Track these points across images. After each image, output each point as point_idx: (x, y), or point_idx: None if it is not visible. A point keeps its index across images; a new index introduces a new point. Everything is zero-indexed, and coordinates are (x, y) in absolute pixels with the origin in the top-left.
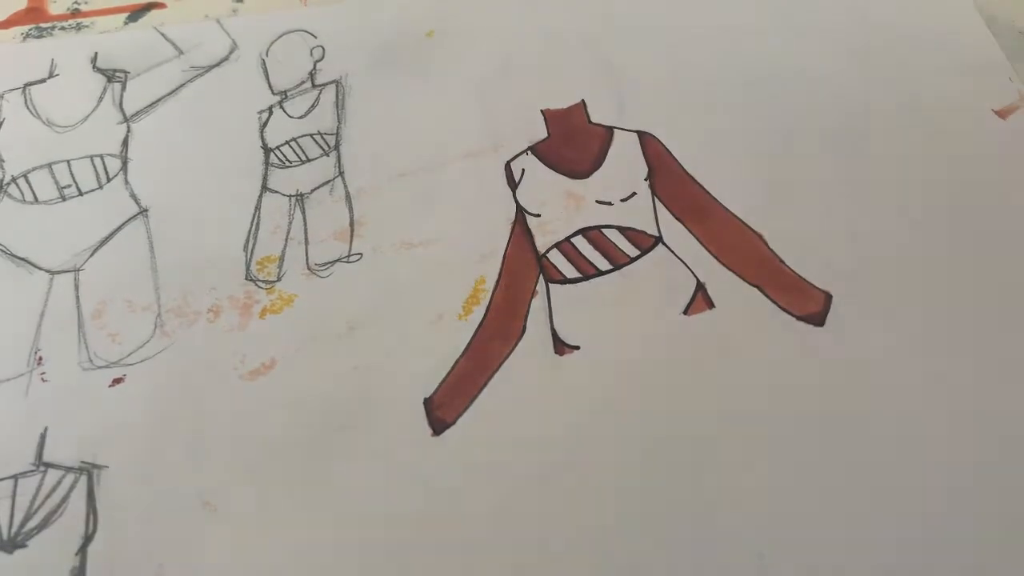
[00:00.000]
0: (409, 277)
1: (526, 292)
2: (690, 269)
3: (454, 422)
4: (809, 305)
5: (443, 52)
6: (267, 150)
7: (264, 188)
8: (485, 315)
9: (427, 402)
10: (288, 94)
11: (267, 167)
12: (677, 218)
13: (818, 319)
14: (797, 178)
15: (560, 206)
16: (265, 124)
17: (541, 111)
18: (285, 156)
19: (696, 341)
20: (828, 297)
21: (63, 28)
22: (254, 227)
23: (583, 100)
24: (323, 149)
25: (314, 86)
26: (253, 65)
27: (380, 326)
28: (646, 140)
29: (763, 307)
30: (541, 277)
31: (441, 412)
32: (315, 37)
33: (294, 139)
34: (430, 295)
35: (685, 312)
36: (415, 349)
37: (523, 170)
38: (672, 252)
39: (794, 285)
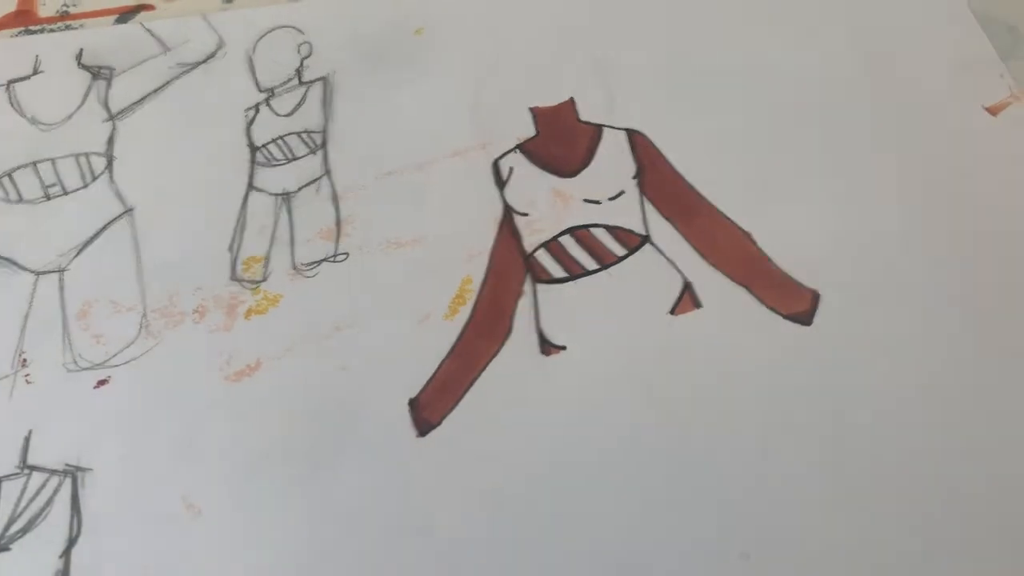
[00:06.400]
0: (395, 277)
1: (513, 292)
2: (677, 268)
3: (440, 423)
4: (796, 304)
5: (431, 49)
6: (253, 148)
7: (250, 187)
8: (471, 315)
9: (412, 403)
10: (275, 91)
11: (253, 165)
12: (665, 217)
13: (806, 318)
14: (786, 176)
15: (548, 205)
16: (252, 122)
17: (530, 109)
18: (272, 154)
19: (683, 341)
20: (816, 296)
21: (52, 30)
22: (239, 227)
23: (572, 98)
24: (310, 147)
25: (301, 83)
26: (240, 62)
27: (366, 326)
28: (635, 138)
29: (750, 306)
30: (528, 277)
31: (427, 413)
32: (302, 33)
33: (281, 137)
34: (416, 295)
35: (672, 312)
36: (401, 349)
37: (511, 169)
38: (660, 251)
39: (781, 284)
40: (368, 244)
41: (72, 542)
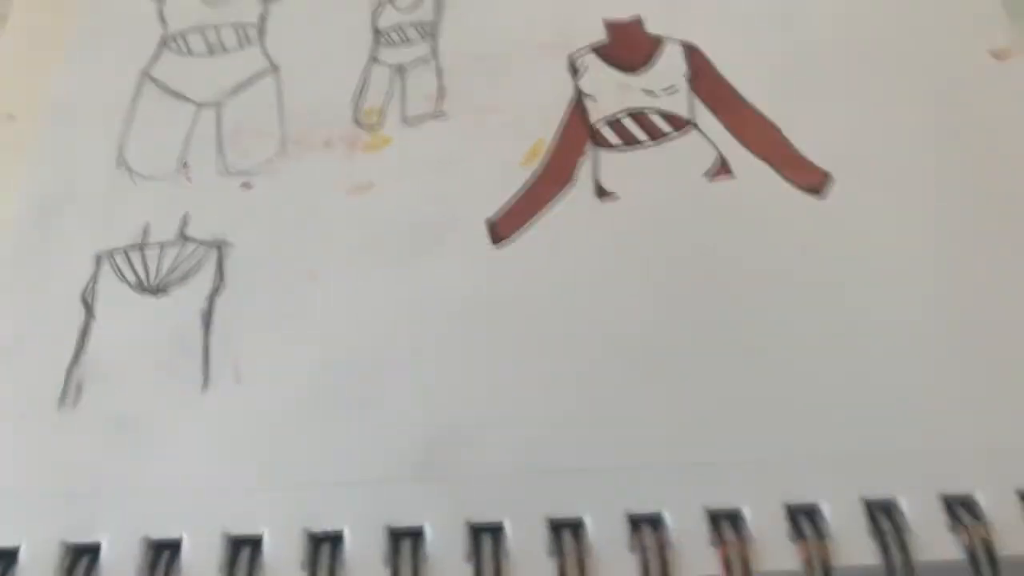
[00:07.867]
0: (483, 132)
1: (577, 151)
2: (716, 147)
3: (510, 237)
4: (810, 179)
5: None
6: (377, 33)
7: (372, 59)
8: (542, 164)
9: (490, 222)
10: None
11: (376, 45)
12: (709, 109)
13: (818, 190)
14: (812, 84)
15: (612, 92)
16: (377, 13)
17: (604, 21)
18: (391, 38)
19: (716, 200)
20: (827, 175)
21: None
22: (362, 86)
23: (639, 15)
24: (420, 35)
25: None
26: None
27: (460, 167)
28: (690, 49)
29: (772, 178)
30: (590, 142)
31: (501, 229)
32: None
33: (399, 25)
34: (498, 147)
35: (709, 177)
36: (485, 184)
37: (584, 64)
38: (702, 133)
39: (799, 162)
40: (463, 108)
41: (216, 292)
